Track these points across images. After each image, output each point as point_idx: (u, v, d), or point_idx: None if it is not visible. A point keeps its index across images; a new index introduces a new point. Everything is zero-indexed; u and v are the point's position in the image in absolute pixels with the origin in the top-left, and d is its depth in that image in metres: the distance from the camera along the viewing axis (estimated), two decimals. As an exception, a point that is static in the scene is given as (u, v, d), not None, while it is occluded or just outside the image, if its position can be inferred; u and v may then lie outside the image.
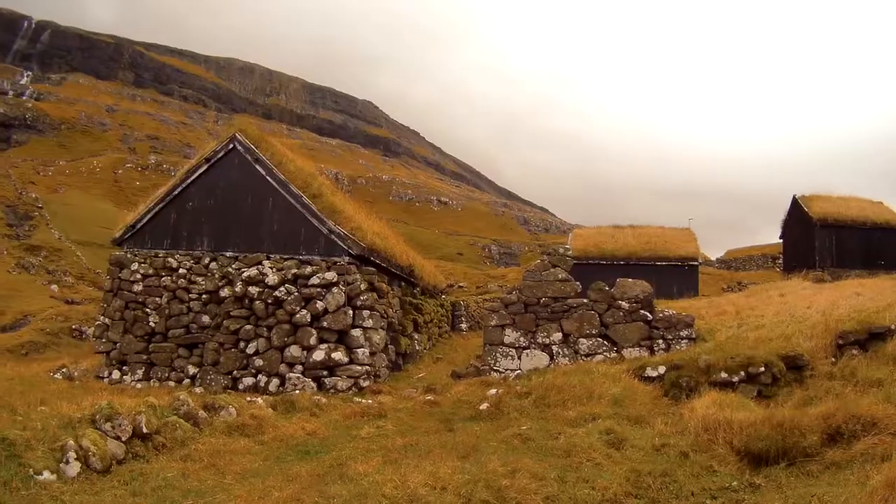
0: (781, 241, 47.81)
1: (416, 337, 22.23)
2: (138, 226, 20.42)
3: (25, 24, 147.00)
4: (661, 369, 12.68)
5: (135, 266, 19.87)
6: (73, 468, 8.51)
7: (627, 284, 15.56)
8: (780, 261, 51.93)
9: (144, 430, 9.92)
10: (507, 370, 15.30)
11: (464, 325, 30.27)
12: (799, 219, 43.64)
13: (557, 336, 15.27)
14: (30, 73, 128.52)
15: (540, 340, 15.39)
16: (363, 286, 17.95)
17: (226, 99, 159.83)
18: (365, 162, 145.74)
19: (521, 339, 15.51)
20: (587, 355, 15.01)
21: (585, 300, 15.46)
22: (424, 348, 23.12)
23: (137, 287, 19.66)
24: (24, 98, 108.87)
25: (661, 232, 40.98)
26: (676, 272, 37.09)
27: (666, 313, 15.29)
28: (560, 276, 15.68)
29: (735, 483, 7.71)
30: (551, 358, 15.19)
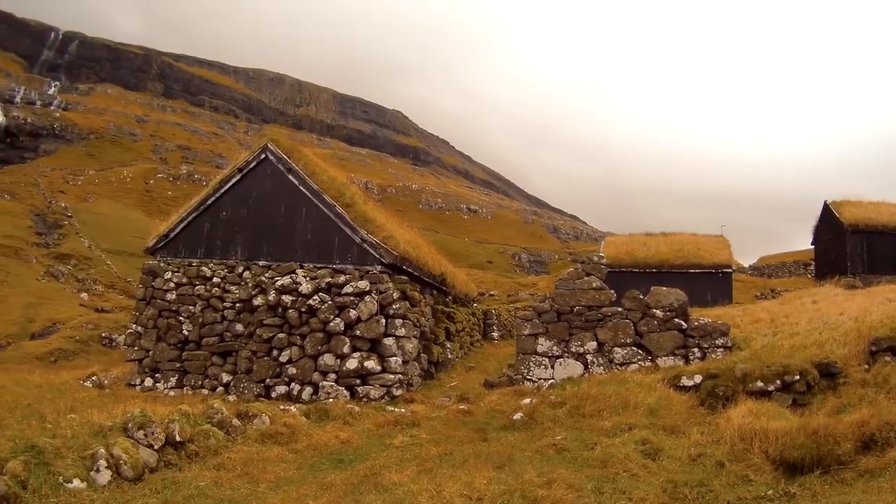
0: (813, 247, 47.37)
1: (449, 345, 22.19)
2: (171, 235, 20.59)
3: (52, 35, 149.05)
4: (697, 378, 12.53)
5: (168, 275, 20.04)
6: (104, 476, 8.48)
7: (662, 293, 15.39)
8: (812, 267, 51.45)
9: (177, 439, 9.90)
10: (540, 379, 15.18)
11: (495, 334, 30.19)
12: (830, 224, 43.23)
13: (592, 345, 15.13)
14: (57, 83, 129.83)
15: (574, 349, 15.26)
16: (396, 295, 17.95)
17: (256, 110, 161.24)
18: (395, 171, 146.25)
19: (555, 348, 15.39)
20: (621, 364, 14.85)
21: (620, 309, 15.31)
22: (456, 357, 23.07)
23: (171, 295, 19.82)
24: (52, 108, 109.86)
25: (694, 239, 40.61)
26: (710, 280, 36.75)
27: (701, 321, 15.09)
28: (594, 285, 15.55)
29: (770, 492, 7.68)
30: (585, 367, 15.05)
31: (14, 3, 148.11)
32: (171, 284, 19.91)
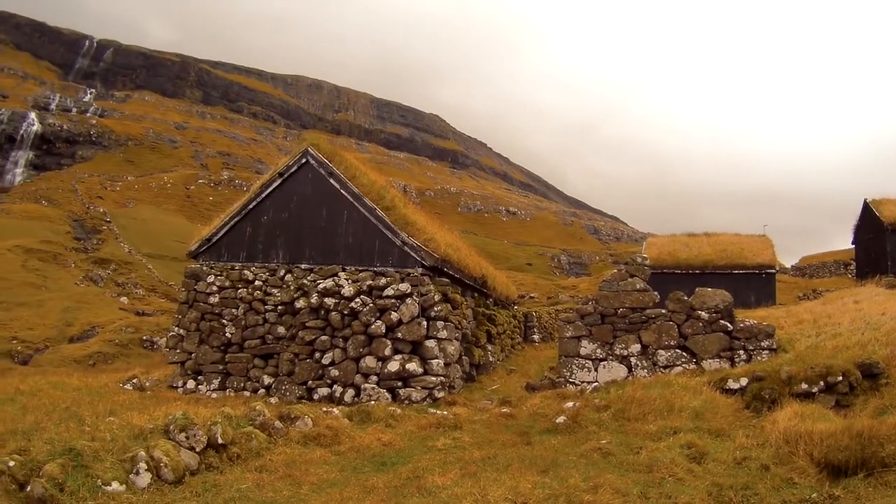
0: (853, 246, 46.74)
1: (490, 348, 22.10)
2: (214, 239, 20.78)
3: (87, 44, 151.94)
4: (744, 381, 12.32)
5: (211, 278, 20.23)
6: (144, 479, 8.47)
7: (706, 294, 15.15)
8: (853, 267, 50.87)
9: (219, 441, 9.89)
10: (583, 382, 15.04)
11: (536, 337, 30.02)
12: (870, 223, 42.58)
13: (636, 347, 14.95)
14: (93, 90, 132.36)
15: (617, 352, 15.09)
16: (437, 297, 17.90)
17: (294, 115, 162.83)
18: (433, 174, 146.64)
19: (598, 350, 15.23)
20: (666, 367, 14.66)
21: (664, 311, 15.10)
22: (497, 359, 22.97)
23: (213, 299, 20.00)
24: (88, 115, 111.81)
25: (737, 239, 40.09)
26: (754, 280, 36.29)
27: (746, 323, 14.83)
28: (638, 286, 15.36)
29: (815, 495, 7.63)
30: (629, 370, 14.87)
31: (46, 12, 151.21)
32: (214, 288, 20.10)
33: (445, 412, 14.06)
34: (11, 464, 7.96)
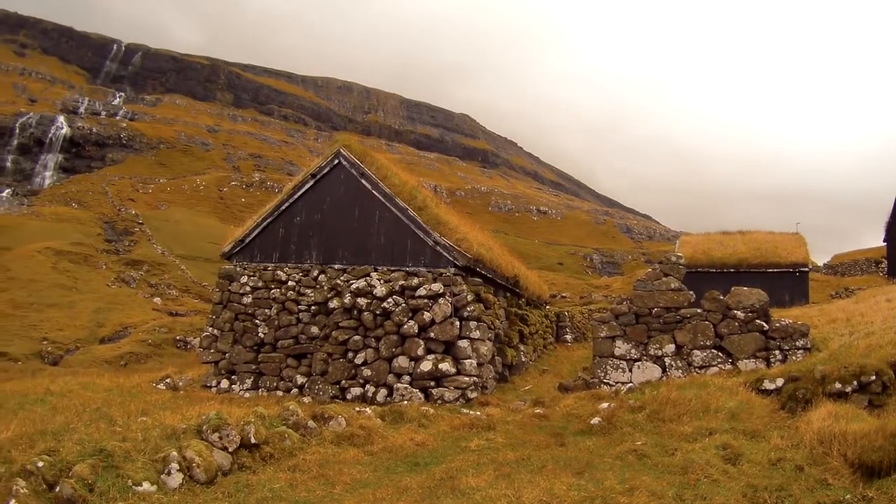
0: (885, 244, 46.07)
1: (522, 348, 22.01)
2: (247, 240, 20.96)
3: (115, 48, 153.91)
4: (779, 382, 12.15)
5: (244, 279, 20.39)
6: (175, 479, 8.48)
7: (742, 293, 14.95)
8: (884, 265, 50.17)
9: (252, 441, 9.91)
10: (617, 383, 14.91)
11: (568, 337, 29.86)
12: (902, 220, 41.89)
13: (670, 348, 14.79)
14: (122, 94, 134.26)
15: (652, 352, 14.94)
16: (469, 297, 17.85)
17: (325, 117, 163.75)
18: (463, 174, 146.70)
19: (633, 350, 15.10)
20: (701, 367, 14.48)
21: (699, 310, 14.93)
22: (530, 360, 22.86)
23: (247, 299, 20.16)
24: (118, 118, 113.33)
25: (771, 237, 39.61)
26: (787, 279, 35.88)
27: (782, 323, 14.62)
28: (672, 286, 15.20)
29: (849, 496, 7.54)
30: (664, 370, 14.72)
31: (72, 17, 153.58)
32: (248, 288, 20.26)
33: (478, 413, 14.02)
34: (40, 464, 7.99)
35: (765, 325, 14.52)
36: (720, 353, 14.56)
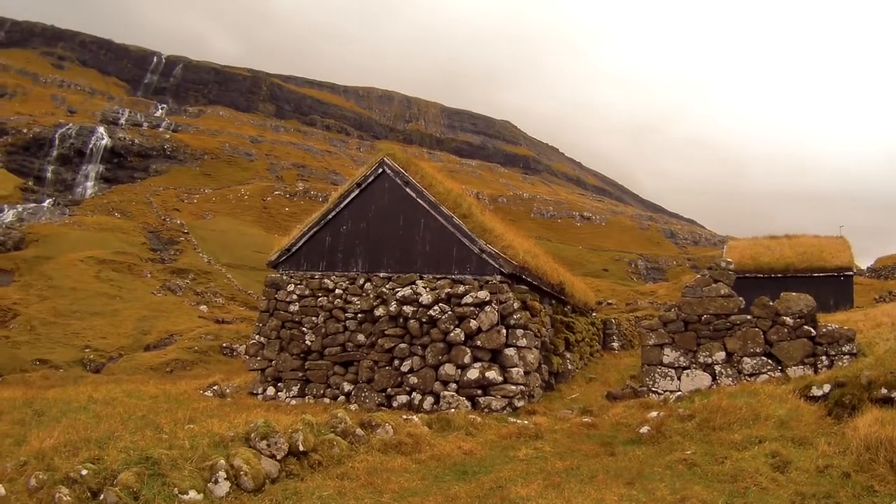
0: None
1: (568, 356, 21.91)
2: (294, 249, 21.19)
3: (155, 60, 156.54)
4: (826, 388, 11.91)
5: (291, 287, 20.62)
6: (222, 488, 8.43)
7: (791, 298, 14.70)
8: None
9: (301, 448, 9.89)
10: (665, 391, 14.73)
11: (615, 344, 29.66)
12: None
13: (720, 355, 14.58)
14: (164, 105, 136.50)
15: (701, 360, 14.74)
16: (516, 305, 17.84)
17: (367, 127, 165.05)
18: (505, 181, 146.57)
19: (681, 358, 14.92)
20: (751, 375, 14.24)
21: (749, 316, 14.70)
22: (576, 368, 22.75)
23: (294, 307, 20.38)
24: (161, 129, 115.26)
25: (816, 241, 39.16)
26: (833, 283, 35.43)
27: (829, 328, 14.35)
28: (722, 292, 14.99)
29: (894, 503, 7.50)
30: (714, 378, 14.51)
31: (106, 30, 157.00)
32: (294, 296, 20.48)
33: (526, 421, 13.95)
34: (84, 472, 8.01)
35: (812, 330, 14.26)
36: (769, 360, 14.32)
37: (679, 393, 14.40)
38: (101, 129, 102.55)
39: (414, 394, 17.64)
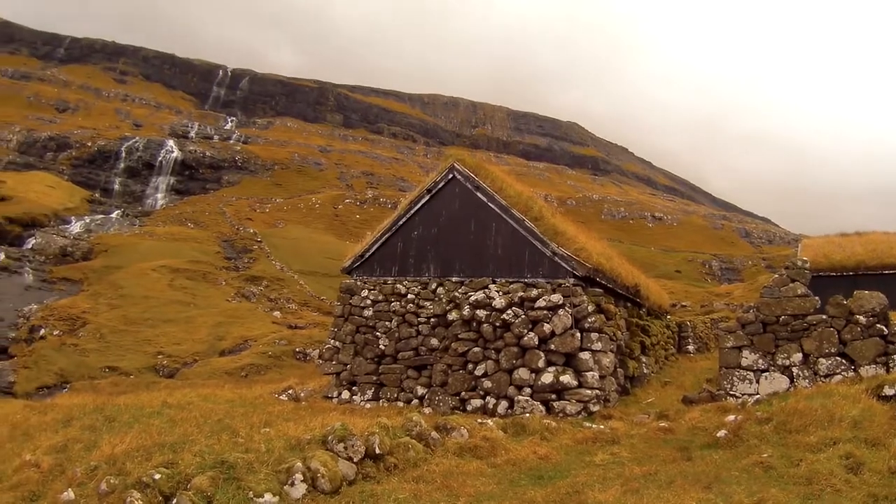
0: None
1: (644, 360, 21.71)
2: (366, 255, 21.53)
3: (221, 73, 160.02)
4: (897, 387, 11.72)
5: (365, 292, 20.97)
6: (299, 490, 8.53)
7: (864, 297, 14.38)
8: None
9: (377, 451, 10.03)
10: (744, 395, 14.53)
11: (691, 347, 29.26)
12: None
13: (797, 357, 14.34)
14: (233, 118, 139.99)
15: (779, 362, 14.51)
16: (590, 308, 17.76)
17: (433, 133, 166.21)
18: (573, 182, 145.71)
19: (760, 361, 14.71)
20: (826, 376, 13.97)
21: (824, 316, 14.43)
22: (651, 371, 22.51)
23: (368, 312, 20.71)
24: (231, 141, 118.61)
25: (886, 238, 38.03)
26: (902, 281, 34.06)
27: (899, 326, 14.08)
28: (799, 292, 14.74)
29: None
30: (791, 380, 14.27)
31: (170, 45, 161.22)
32: (368, 301, 20.82)
33: (602, 426, 13.92)
34: (157, 476, 8.19)
35: (884, 329, 13.95)
36: (843, 360, 14.04)
37: (757, 396, 14.23)
38: (171, 143, 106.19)
39: (488, 398, 17.70)
